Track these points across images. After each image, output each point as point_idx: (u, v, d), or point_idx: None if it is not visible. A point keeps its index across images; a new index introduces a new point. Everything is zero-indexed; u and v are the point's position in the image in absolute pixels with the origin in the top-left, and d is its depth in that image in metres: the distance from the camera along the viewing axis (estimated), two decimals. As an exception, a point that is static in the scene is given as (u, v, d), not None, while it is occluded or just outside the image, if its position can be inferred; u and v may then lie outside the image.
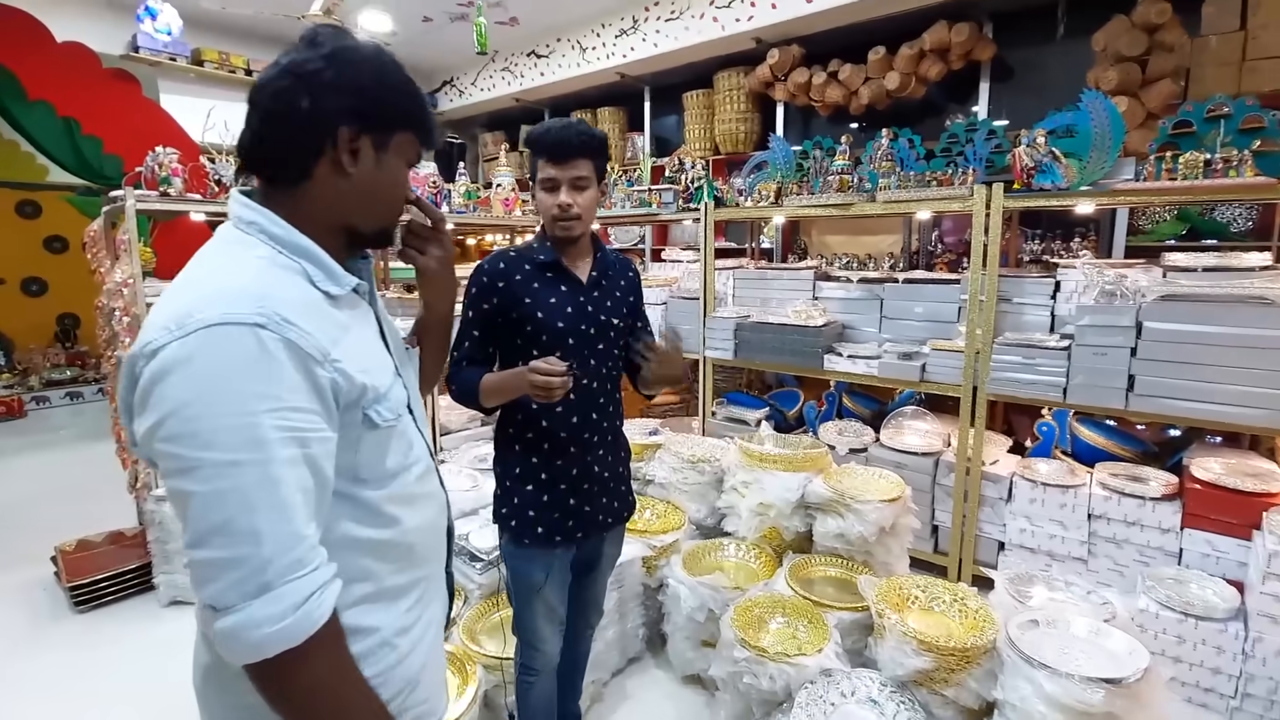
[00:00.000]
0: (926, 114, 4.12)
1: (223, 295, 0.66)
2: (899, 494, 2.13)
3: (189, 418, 0.62)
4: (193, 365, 0.62)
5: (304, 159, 0.76)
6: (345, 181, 0.77)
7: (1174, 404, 2.14)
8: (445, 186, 3.64)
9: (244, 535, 0.62)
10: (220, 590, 0.62)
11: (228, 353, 0.63)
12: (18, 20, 3.96)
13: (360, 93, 0.76)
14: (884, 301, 2.95)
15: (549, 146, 1.36)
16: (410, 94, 0.81)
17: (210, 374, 0.62)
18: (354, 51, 0.76)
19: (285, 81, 0.74)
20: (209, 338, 0.63)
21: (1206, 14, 3.01)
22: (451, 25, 4.94)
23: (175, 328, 0.63)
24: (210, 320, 0.63)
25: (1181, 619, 1.93)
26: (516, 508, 1.42)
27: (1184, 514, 2.16)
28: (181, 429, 0.62)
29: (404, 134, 0.81)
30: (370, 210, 0.81)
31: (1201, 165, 2.09)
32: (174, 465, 0.63)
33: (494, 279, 1.38)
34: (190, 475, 0.62)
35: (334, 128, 0.75)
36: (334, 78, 0.74)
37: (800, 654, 1.66)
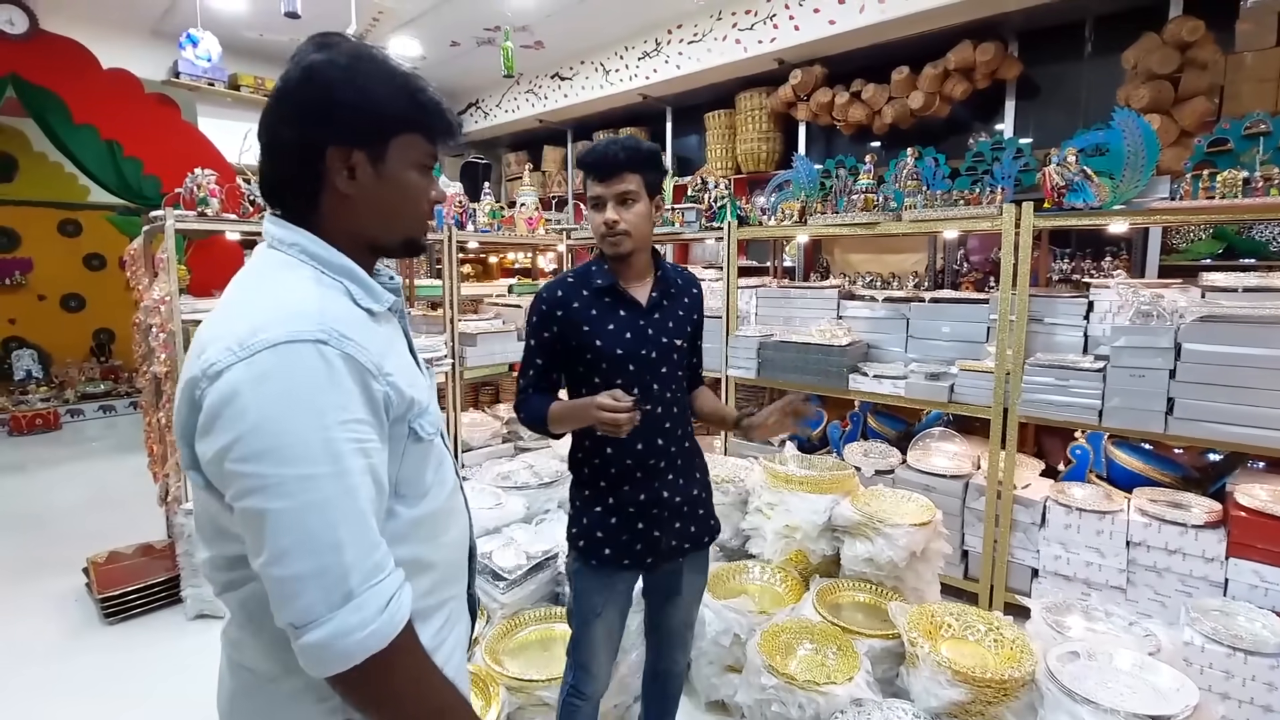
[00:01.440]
0: (951, 133, 4.10)
1: (282, 314, 0.66)
2: (930, 517, 2.09)
3: (265, 435, 0.62)
4: (263, 384, 0.63)
5: (305, 188, 0.75)
6: (350, 202, 0.76)
7: (1215, 428, 2.07)
8: (470, 206, 3.70)
9: (327, 547, 0.63)
10: (306, 605, 0.62)
11: (296, 369, 0.64)
12: (67, 48, 4.13)
13: (339, 108, 0.72)
14: (910, 321, 2.92)
15: (592, 164, 1.35)
16: (400, 94, 0.76)
17: (282, 391, 0.63)
18: (329, 66, 0.72)
19: (272, 114, 0.74)
20: (277, 356, 0.63)
21: (1241, 31, 2.97)
22: (478, 49, 5.05)
23: (239, 348, 0.63)
24: (276, 339, 0.64)
25: (1230, 653, 1.84)
26: (586, 528, 1.41)
27: (1229, 542, 2.08)
28: (258, 447, 0.62)
29: (403, 137, 0.77)
30: (388, 223, 0.79)
31: (1241, 183, 2.04)
32: (250, 484, 0.62)
33: (553, 307, 1.37)
34: (269, 492, 0.62)
35: (321, 152, 0.73)
36: (311, 99, 0.72)
37: (830, 682, 1.62)
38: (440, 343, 3.37)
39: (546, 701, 1.73)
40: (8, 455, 4.94)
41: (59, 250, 6.48)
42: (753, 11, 4.19)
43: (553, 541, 2.17)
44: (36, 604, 2.74)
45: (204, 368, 0.64)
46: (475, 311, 4.18)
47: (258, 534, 0.63)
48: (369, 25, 4.47)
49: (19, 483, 4.35)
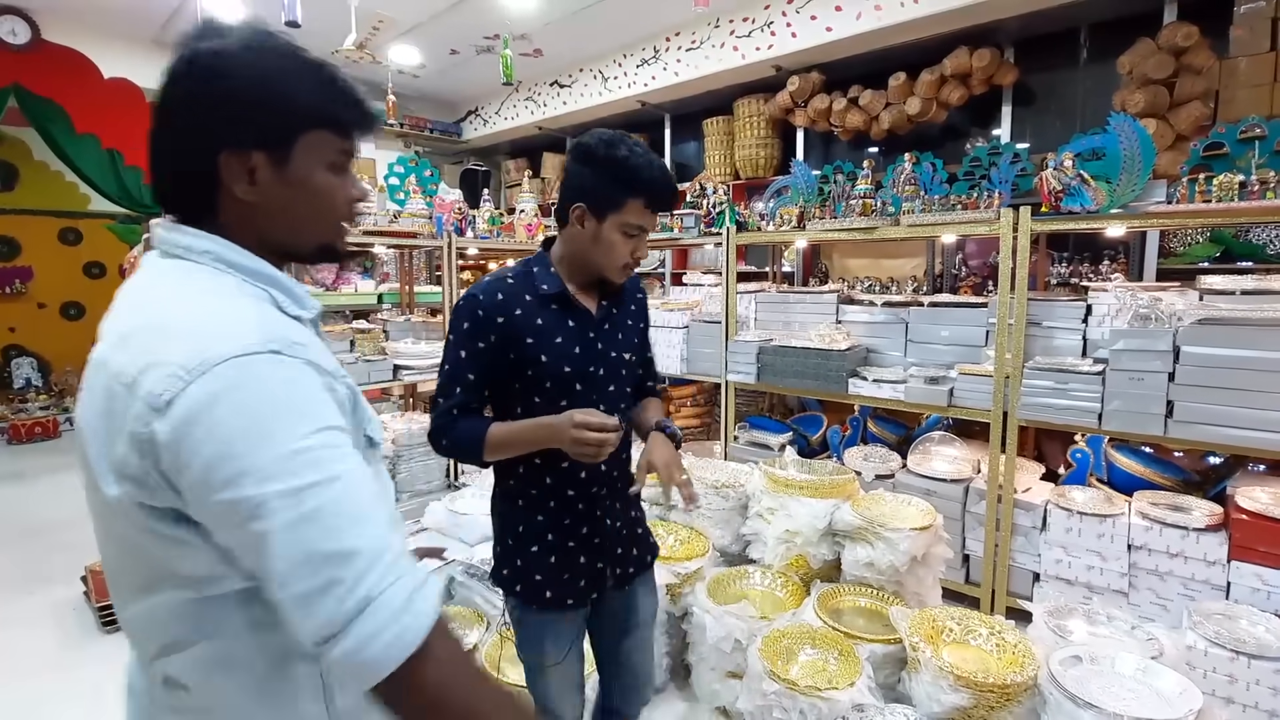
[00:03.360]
0: (948, 138, 4.13)
1: (222, 329, 0.61)
2: (930, 522, 2.08)
3: (239, 456, 0.57)
4: (225, 402, 0.57)
5: (199, 195, 0.67)
6: (252, 208, 0.68)
7: (1215, 430, 2.07)
8: (470, 213, 3.71)
9: (333, 557, 0.58)
10: (321, 622, 0.58)
11: (258, 383, 0.59)
12: (69, 58, 4.16)
13: (232, 106, 0.64)
14: (909, 325, 2.92)
15: (663, 196, 1.19)
16: (306, 85, 0.68)
17: (247, 408, 0.58)
18: (216, 56, 0.64)
19: (156, 114, 0.66)
20: (232, 372, 0.58)
21: (1236, 36, 2.99)
22: (478, 57, 5.08)
23: (185, 372, 0.57)
24: (226, 354, 0.58)
25: (1233, 657, 1.83)
26: (521, 570, 1.25)
27: (1231, 545, 2.07)
28: (236, 470, 0.57)
29: (312, 134, 0.69)
30: (298, 230, 0.72)
31: (1237, 187, 2.05)
32: (241, 512, 0.57)
33: (491, 313, 1.17)
34: (261, 515, 0.57)
35: (213, 157, 0.65)
36: (198, 96, 0.64)
37: (832, 687, 1.61)
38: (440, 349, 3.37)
39: (547, 708, 1.72)
40: (7, 464, 4.94)
41: (59, 259, 6.49)
42: (750, 19, 4.22)
43: (553, 547, 2.16)
44: (36, 613, 2.73)
45: (147, 402, 0.57)
46: (475, 318, 4.18)
47: (263, 560, 0.58)
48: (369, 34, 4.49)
49: (18, 491, 4.35)
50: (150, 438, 0.57)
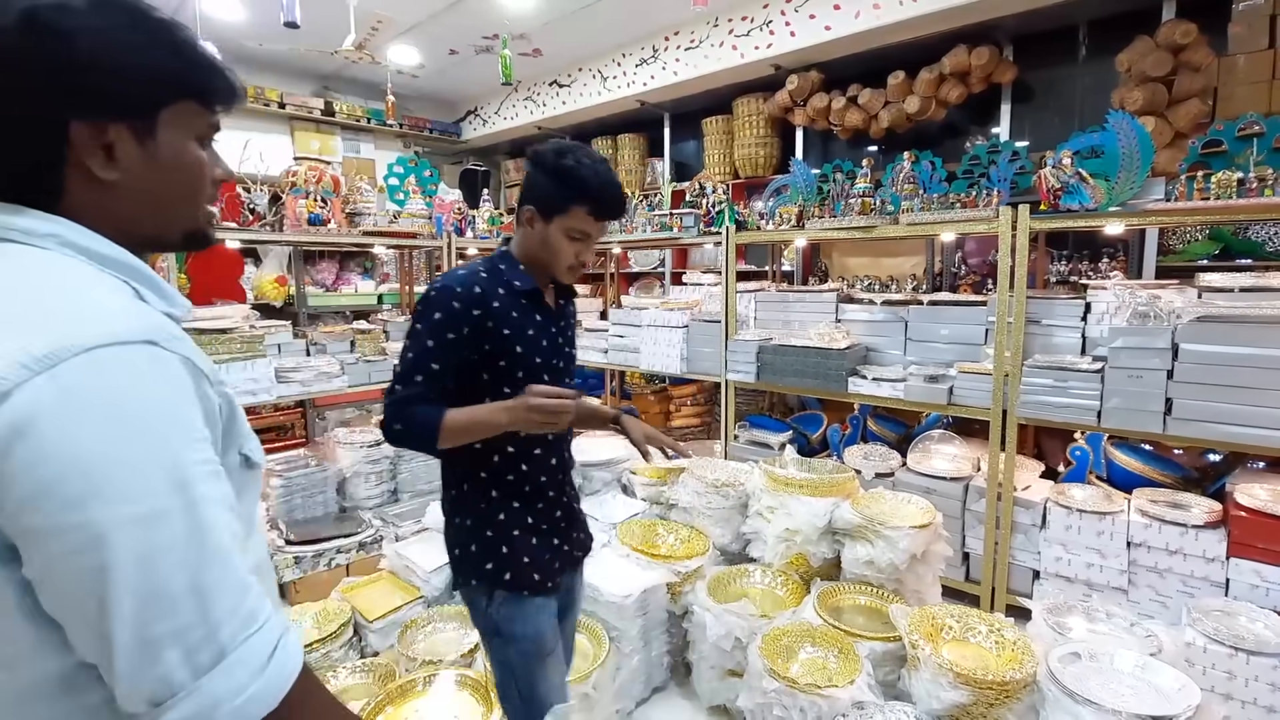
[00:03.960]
0: (947, 136, 4.12)
1: (85, 313, 0.51)
2: (930, 520, 2.08)
3: (88, 470, 0.47)
4: (78, 401, 0.47)
5: (42, 174, 0.56)
6: (109, 191, 0.58)
7: (1214, 428, 2.08)
8: (469, 213, 3.71)
9: (185, 598, 0.49)
10: (164, 674, 0.48)
11: (127, 379, 0.49)
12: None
13: (86, 71, 0.54)
14: (908, 324, 2.93)
15: (607, 207, 1.25)
16: (168, 50, 0.59)
17: (109, 409, 0.48)
18: (63, 13, 0.53)
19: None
20: (93, 363, 0.48)
21: (1234, 33, 2.99)
22: (477, 57, 5.08)
23: (33, 361, 0.47)
24: (89, 343, 0.48)
25: (1232, 653, 1.84)
26: (507, 558, 1.26)
27: (1230, 542, 2.08)
28: (81, 488, 0.46)
29: (177, 105, 0.60)
30: (163, 214, 0.63)
31: (1235, 184, 2.05)
32: (77, 539, 0.46)
33: (469, 304, 1.19)
34: (104, 544, 0.47)
35: (60, 129, 0.55)
36: (42, 59, 0.53)
37: (832, 685, 1.62)
38: (440, 349, 3.37)
39: (548, 707, 1.73)
40: None
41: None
42: (749, 18, 4.22)
43: (553, 547, 2.17)
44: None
45: None
46: (475, 318, 4.18)
47: (98, 598, 0.47)
48: (368, 34, 4.50)
49: None
50: None
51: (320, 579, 2.40)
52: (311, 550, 2.40)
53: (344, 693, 1.81)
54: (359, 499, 2.79)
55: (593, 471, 2.72)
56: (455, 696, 1.73)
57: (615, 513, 2.49)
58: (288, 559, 2.35)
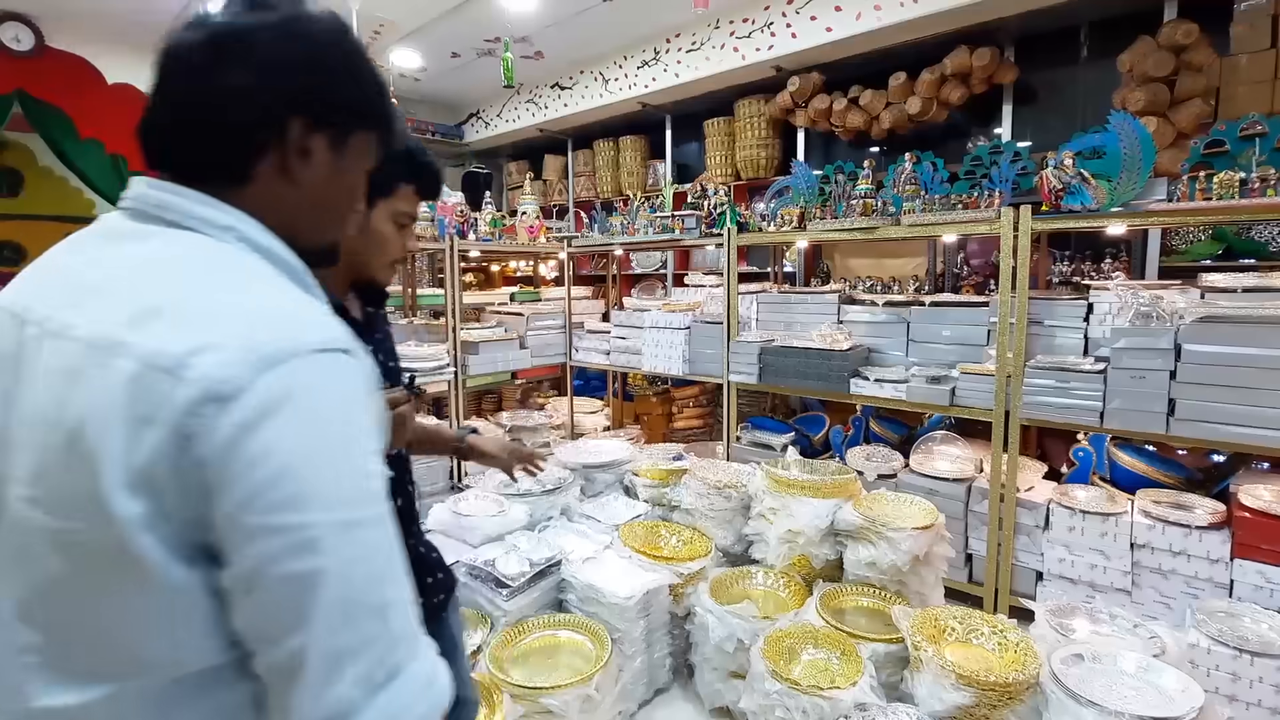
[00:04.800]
0: (948, 137, 4.12)
1: (294, 315, 0.53)
2: (932, 521, 2.08)
3: (308, 472, 0.48)
4: (300, 405, 0.48)
5: (242, 156, 0.58)
6: (293, 189, 0.60)
7: (1217, 428, 2.07)
8: (472, 215, 3.72)
9: (374, 613, 0.49)
10: (342, 693, 0.47)
11: (336, 386, 0.51)
12: (73, 64, 4.19)
13: (319, 75, 0.59)
14: (910, 325, 2.92)
15: (431, 180, 1.09)
16: (377, 83, 0.65)
17: (323, 414, 0.49)
18: (312, 22, 0.59)
19: (217, 50, 0.56)
20: (312, 368, 0.49)
21: (1236, 33, 2.98)
22: (479, 60, 5.09)
23: (257, 360, 0.47)
24: (306, 346, 0.50)
25: (1236, 655, 1.84)
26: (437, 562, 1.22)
27: (1234, 543, 2.07)
28: (302, 489, 0.47)
29: (365, 134, 0.65)
30: (319, 225, 0.65)
31: (1237, 185, 2.05)
32: (294, 540, 0.47)
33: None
34: (317, 548, 0.47)
35: (283, 119, 0.58)
36: (294, 54, 0.58)
37: (834, 687, 1.62)
38: (443, 351, 3.39)
39: (550, 709, 1.73)
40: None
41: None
42: (750, 20, 4.22)
43: (555, 549, 2.17)
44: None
45: (204, 389, 0.46)
46: (477, 320, 4.20)
47: (295, 607, 0.47)
48: (371, 38, 4.51)
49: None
50: (201, 432, 0.46)
51: (323, 581, 2.41)
52: (315, 552, 2.41)
53: (347, 694, 1.82)
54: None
55: (595, 473, 2.72)
56: (458, 698, 1.73)
57: (618, 514, 2.49)
58: (291, 561, 2.35)
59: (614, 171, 5.78)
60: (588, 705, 1.76)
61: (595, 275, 6.02)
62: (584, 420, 4.46)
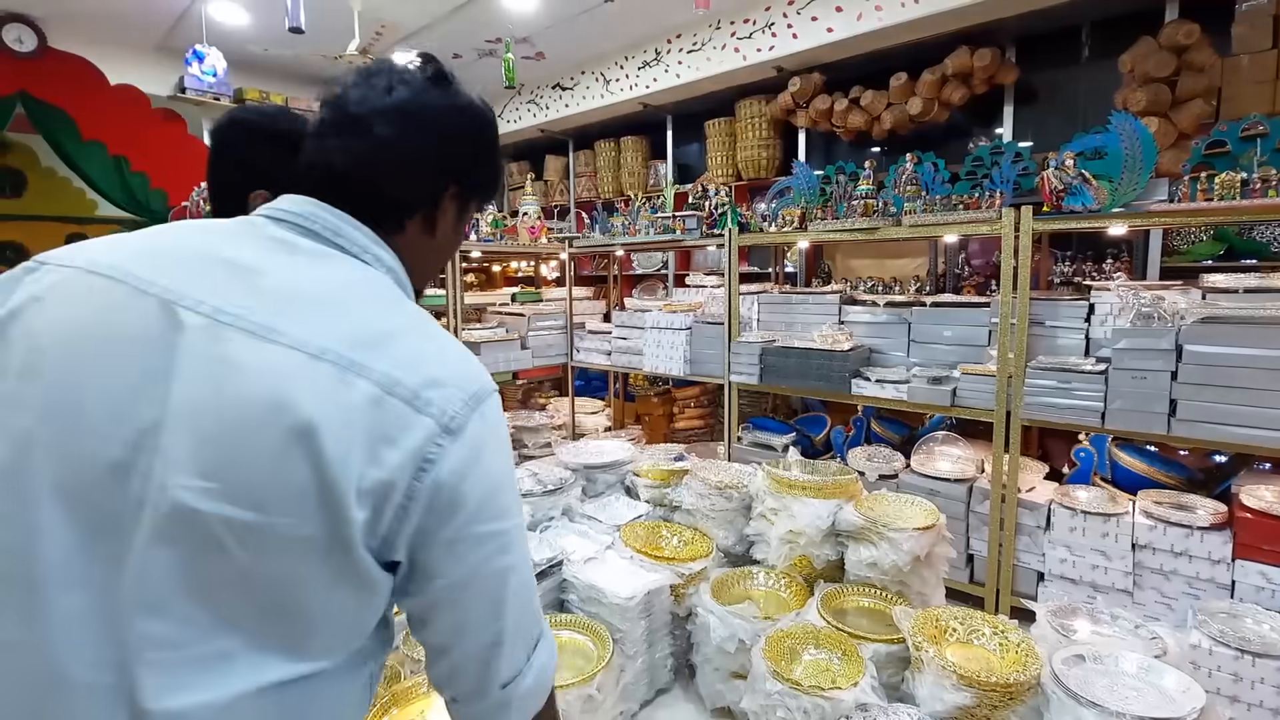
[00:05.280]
0: (950, 138, 4.12)
1: (464, 356, 0.62)
2: (933, 521, 2.08)
3: (507, 488, 0.61)
4: (496, 436, 0.60)
5: (412, 207, 0.69)
6: (429, 241, 0.71)
7: (1219, 429, 2.07)
8: (474, 216, 3.73)
9: (532, 593, 0.65)
10: (519, 656, 0.64)
11: (503, 420, 0.63)
12: (76, 66, 4.20)
13: (478, 154, 0.72)
14: (912, 325, 2.93)
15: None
16: (501, 165, 0.78)
17: (505, 443, 0.63)
18: (481, 110, 0.72)
19: (426, 114, 0.67)
20: (494, 405, 0.61)
21: (1237, 34, 2.98)
22: (480, 61, 5.10)
23: (469, 398, 0.57)
24: (491, 388, 0.61)
25: (1238, 656, 1.83)
26: None
27: (1235, 544, 2.07)
28: (501, 503, 0.60)
29: (478, 202, 0.77)
30: (429, 272, 0.76)
31: (1239, 185, 2.05)
32: (495, 545, 0.60)
33: None
34: (510, 550, 0.61)
35: (448, 182, 0.70)
36: (464, 128, 0.70)
37: (835, 687, 1.62)
38: (444, 352, 3.39)
39: (552, 709, 1.73)
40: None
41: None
42: (751, 20, 4.23)
43: (557, 549, 2.17)
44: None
45: (440, 422, 0.55)
46: (479, 320, 4.21)
47: (498, 595, 0.61)
48: (372, 39, 4.52)
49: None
50: (438, 459, 0.54)
51: (325, 581, 2.41)
52: (317, 552, 2.41)
53: (349, 694, 1.83)
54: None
55: (597, 474, 2.72)
56: (460, 698, 1.73)
57: (619, 515, 2.49)
58: (293, 561, 2.35)
59: (615, 172, 5.79)
60: (589, 705, 1.76)
61: (596, 276, 6.02)
62: (585, 420, 4.46)
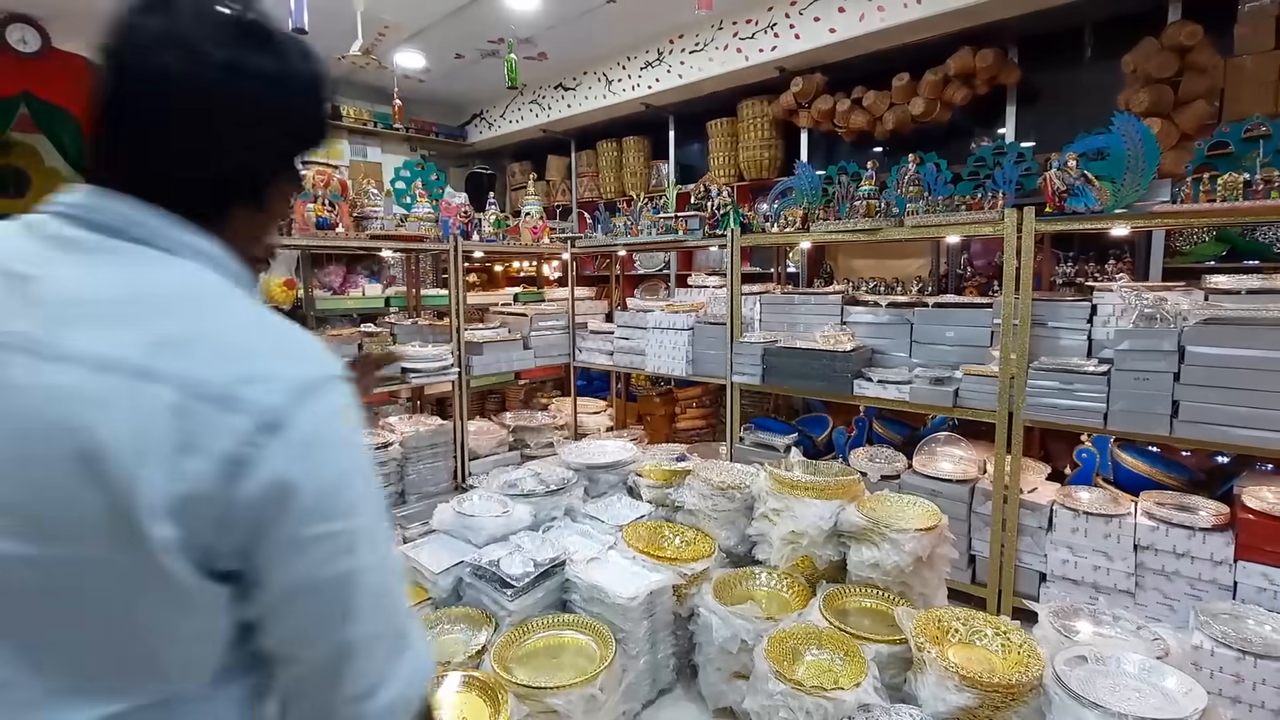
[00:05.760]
0: (952, 138, 4.12)
1: (306, 346, 0.56)
2: (935, 522, 2.09)
3: (350, 485, 0.55)
4: (335, 428, 0.54)
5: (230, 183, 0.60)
6: (259, 214, 0.64)
7: (1221, 430, 2.07)
8: (476, 216, 3.73)
9: (395, 595, 0.60)
10: (377, 665, 0.57)
11: (350, 408, 0.57)
12: (80, 66, 4.21)
13: (293, 101, 0.62)
14: (914, 326, 2.93)
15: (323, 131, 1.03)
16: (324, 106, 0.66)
17: (349, 434, 0.56)
18: (289, 55, 0.60)
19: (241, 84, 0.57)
20: (336, 394, 0.55)
21: (1240, 34, 2.98)
22: (482, 61, 5.10)
23: (298, 390, 0.52)
24: (327, 374, 0.55)
25: (1239, 657, 1.84)
26: None
27: (1237, 545, 2.07)
28: (349, 500, 0.54)
29: (307, 152, 0.68)
30: (265, 238, 0.68)
31: (1241, 186, 2.05)
32: (336, 546, 0.53)
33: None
34: (357, 551, 0.55)
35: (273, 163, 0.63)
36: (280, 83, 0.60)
37: (837, 688, 1.62)
38: (447, 351, 3.40)
39: (555, 709, 1.74)
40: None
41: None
42: (753, 20, 4.23)
43: (560, 549, 2.18)
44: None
45: (256, 420, 0.49)
46: (481, 320, 4.22)
47: (345, 599, 0.54)
48: (375, 39, 4.53)
49: None
50: (256, 459, 0.49)
51: (329, 581, 2.42)
52: (320, 552, 2.42)
53: (353, 694, 1.83)
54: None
55: (599, 474, 2.73)
56: (463, 697, 1.74)
57: (621, 515, 2.50)
58: (297, 561, 2.36)
59: (617, 172, 5.79)
60: (592, 705, 1.77)
61: (598, 276, 6.02)
62: (587, 420, 4.47)
